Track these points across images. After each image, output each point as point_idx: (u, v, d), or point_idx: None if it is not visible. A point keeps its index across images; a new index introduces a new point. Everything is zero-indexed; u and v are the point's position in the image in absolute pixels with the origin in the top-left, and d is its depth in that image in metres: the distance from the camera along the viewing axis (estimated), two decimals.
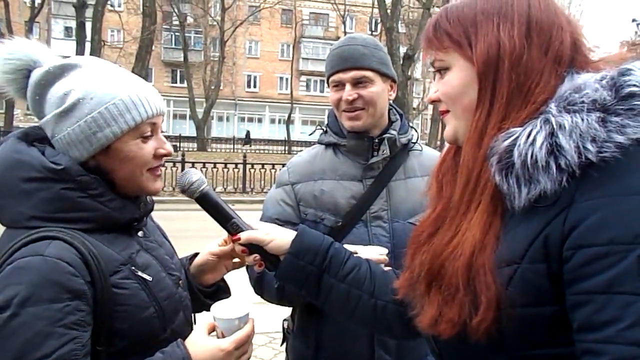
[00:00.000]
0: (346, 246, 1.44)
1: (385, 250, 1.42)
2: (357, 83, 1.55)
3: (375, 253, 1.40)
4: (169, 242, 1.34)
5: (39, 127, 1.14)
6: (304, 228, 1.17)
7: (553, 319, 0.73)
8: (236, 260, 1.36)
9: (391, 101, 1.65)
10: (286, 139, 33.08)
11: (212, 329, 1.13)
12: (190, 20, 34.64)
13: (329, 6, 39.70)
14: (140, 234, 1.21)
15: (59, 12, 37.54)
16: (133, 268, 1.10)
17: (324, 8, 42.82)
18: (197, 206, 1.19)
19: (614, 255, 0.67)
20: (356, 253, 1.41)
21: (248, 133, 34.16)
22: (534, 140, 0.75)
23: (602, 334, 0.67)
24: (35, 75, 1.10)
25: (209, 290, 1.39)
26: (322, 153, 1.65)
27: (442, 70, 0.90)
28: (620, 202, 0.69)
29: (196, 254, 1.41)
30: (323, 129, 1.69)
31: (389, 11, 17.17)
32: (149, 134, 1.13)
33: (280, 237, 1.14)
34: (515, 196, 0.77)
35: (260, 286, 1.60)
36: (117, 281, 1.06)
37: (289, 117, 35.85)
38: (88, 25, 14.12)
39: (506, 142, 0.77)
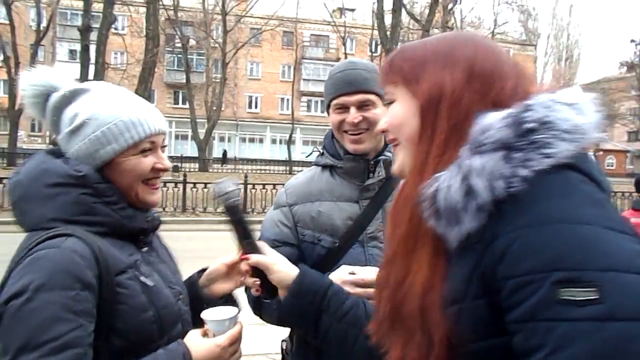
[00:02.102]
0: (344, 267, 1.47)
1: None
2: (361, 106, 1.59)
3: (373, 273, 1.42)
4: (174, 262, 1.43)
5: None
6: (306, 269, 1.20)
7: (506, 349, 0.75)
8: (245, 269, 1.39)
9: None
10: (287, 159, 33.20)
11: (205, 334, 1.21)
12: (192, 42, 35.06)
13: (329, 28, 40.18)
14: (145, 249, 1.30)
15: (64, 35, 38.07)
16: (136, 272, 1.20)
17: (325, 30, 43.34)
18: (201, 226, 1.23)
19: (532, 284, 0.71)
20: (354, 273, 1.44)
21: (225, 152, 34.20)
22: (451, 184, 0.80)
23: None
24: (52, 99, 1.25)
25: (218, 303, 1.40)
26: (319, 175, 1.68)
27: (391, 103, 0.96)
28: (529, 234, 0.73)
29: (206, 268, 1.47)
30: (320, 151, 1.72)
31: (388, 33, 17.39)
32: (148, 150, 1.25)
33: (285, 272, 1.19)
34: (447, 237, 0.81)
35: (259, 307, 1.62)
36: (121, 281, 1.15)
37: (290, 137, 36.02)
38: (92, 48, 14.31)
39: (432, 188, 0.82)
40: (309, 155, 1.92)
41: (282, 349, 1.76)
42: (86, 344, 1.06)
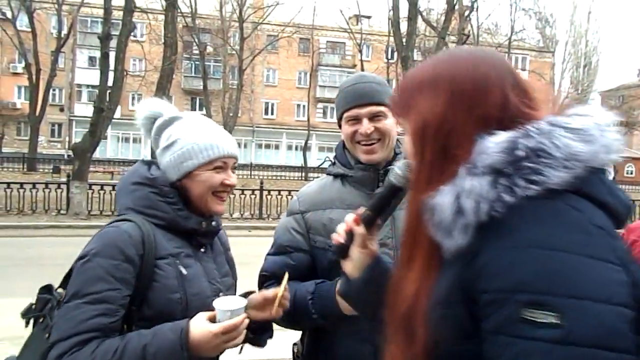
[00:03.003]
0: None
1: None
2: (373, 117, 1.65)
3: None
4: (229, 267, 1.69)
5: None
6: (381, 260, 1.20)
7: (478, 356, 0.80)
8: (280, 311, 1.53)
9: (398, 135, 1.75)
10: (303, 165, 33.32)
11: (211, 319, 1.39)
12: (209, 49, 35.46)
13: (345, 35, 40.34)
14: (202, 249, 1.59)
15: (84, 42, 38.76)
16: (177, 261, 1.48)
17: (341, 37, 43.50)
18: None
19: (499, 302, 0.76)
20: None
21: None
22: (444, 201, 0.85)
23: None
24: (157, 122, 1.62)
25: (251, 325, 1.51)
26: (331, 183, 1.74)
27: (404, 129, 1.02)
28: (504, 256, 0.78)
29: (253, 291, 1.64)
30: (331, 161, 1.78)
31: (404, 40, 17.41)
32: (220, 167, 1.55)
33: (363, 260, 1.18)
34: (443, 246, 0.87)
35: None
36: (160, 263, 1.45)
37: (306, 143, 36.17)
38: (112, 55, 14.54)
39: (433, 200, 0.87)
40: (321, 164, 1.98)
41: (293, 352, 1.81)
42: (119, 304, 1.37)
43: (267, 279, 1.70)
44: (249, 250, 4.15)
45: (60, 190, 13.78)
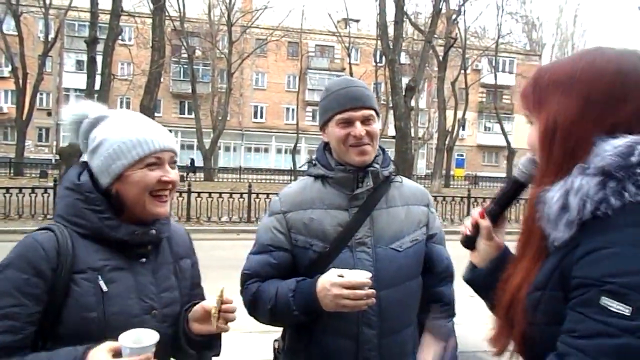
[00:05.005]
0: (333, 270, 1.58)
1: (369, 274, 1.53)
2: (364, 120, 1.70)
3: (361, 276, 1.52)
4: (175, 281, 1.51)
5: None
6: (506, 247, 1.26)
7: None
8: (223, 325, 1.40)
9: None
10: (292, 168, 33.31)
11: (119, 350, 1.23)
12: (198, 53, 35.39)
13: (334, 39, 40.48)
14: (143, 260, 1.45)
15: (72, 46, 38.48)
16: (99, 276, 1.35)
17: (330, 40, 43.64)
18: (205, 235, 1.29)
19: (585, 285, 0.87)
20: (342, 276, 1.54)
21: (192, 161, 33.40)
22: (554, 196, 0.94)
23: (562, 337, 0.89)
24: (83, 125, 1.49)
25: (195, 339, 1.45)
26: (311, 184, 1.79)
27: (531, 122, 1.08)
28: (600, 250, 0.87)
29: (198, 303, 1.49)
30: (312, 162, 1.83)
31: (390, 44, 17.51)
32: (154, 164, 1.41)
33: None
34: (550, 238, 0.96)
35: (254, 307, 1.72)
36: (76, 278, 1.33)
37: (295, 147, 36.18)
38: (99, 59, 14.49)
39: (545, 195, 0.96)
40: (302, 166, 2.03)
41: (274, 348, 1.85)
42: (25, 321, 1.27)
43: (250, 277, 1.74)
44: (237, 254, 4.17)
45: (47, 195, 13.66)
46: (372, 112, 1.72)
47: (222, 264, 1.67)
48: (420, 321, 1.78)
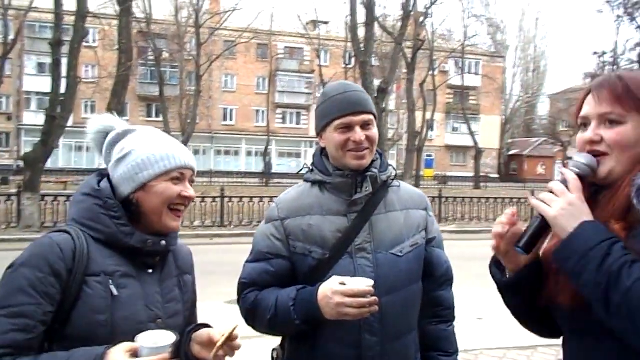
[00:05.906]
0: (335, 278, 1.55)
1: (372, 282, 1.51)
2: (364, 125, 1.68)
3: (363, 284, 1.50)
4: (179, 293, 1.55)
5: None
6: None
7: None
8: (220, 353, 1.41)
9: None
10: (263, 171, 33.14)
11: (135, 351, 1.26)
12: (165, 55, 34.84)
13: (303, 40, 40.50)
14: (150, 270, 1.48)
15: (33, 48, 37.38)
16: (110, 280, 1.39)
17: (299, 42, 43.64)
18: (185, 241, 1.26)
19: None
20: (344, 284, 1.51)
21: None
22: None
23: None
24: (110, 136, 1.56)
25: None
26: (309, 190, 1.76)
27: (613, 122, 1.19)
28: None
29: (205, 325, 1.53)
30: (309, 168, 1.80)
31: (362, 46, 17.62)
32: (177, 179, 1.49)
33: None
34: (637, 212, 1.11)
35: (252, 317, 1.68)
36: (89, 280, 1.36)
37: (266, 149, 36.05)
38: (64, 62, 14.07)
39: (637, 180, 1.13)
40: (299, 171, 1.99)
41: (272, 358, 1.81)
42: (38, 319, 1.28)
43: (247, 286, 1.70)
44: (212, 259, 4.08)
45: (10, 202, 13.22)
46: (372, 117, 1.70)
47: (196, 269, 1.61)
48: (420, 326, 1.77)
